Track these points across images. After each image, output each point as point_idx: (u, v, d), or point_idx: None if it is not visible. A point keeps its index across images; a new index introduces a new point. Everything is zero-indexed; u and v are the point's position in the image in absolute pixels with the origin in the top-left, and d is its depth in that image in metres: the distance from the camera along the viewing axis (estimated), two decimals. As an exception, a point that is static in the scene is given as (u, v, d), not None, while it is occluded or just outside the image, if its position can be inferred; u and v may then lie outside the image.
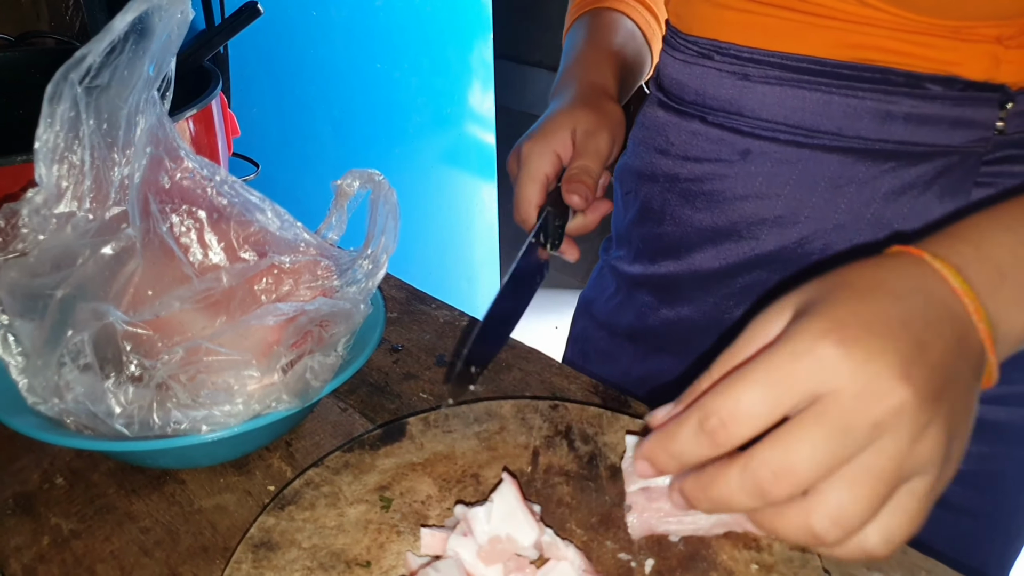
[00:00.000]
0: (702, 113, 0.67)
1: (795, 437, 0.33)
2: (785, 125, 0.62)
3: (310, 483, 0.50)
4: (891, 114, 0.58)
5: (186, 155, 0.53)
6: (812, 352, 0.33)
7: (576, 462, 0.52)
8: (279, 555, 0.45)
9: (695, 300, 0.71)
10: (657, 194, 0.72)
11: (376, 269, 0.55)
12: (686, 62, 0.67)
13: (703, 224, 0.68)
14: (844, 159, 0.61)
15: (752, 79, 0.63)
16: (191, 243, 0.52)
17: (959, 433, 0.35)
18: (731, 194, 0.66)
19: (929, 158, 0.59)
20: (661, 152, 0.71)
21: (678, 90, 0.69)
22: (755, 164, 0.64)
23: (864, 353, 0.32)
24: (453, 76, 1.85)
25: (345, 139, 1.72)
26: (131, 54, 0.49)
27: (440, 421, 0.55)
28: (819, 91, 0.60)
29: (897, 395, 0.32)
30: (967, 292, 0.36)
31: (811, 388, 0.33)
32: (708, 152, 0.67)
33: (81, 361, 0.47)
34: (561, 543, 0.44)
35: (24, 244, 0.48)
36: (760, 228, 0.65)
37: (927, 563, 0.47)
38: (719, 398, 0.34)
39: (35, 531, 0.50)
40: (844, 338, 0.33)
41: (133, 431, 0.47)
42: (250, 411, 0.48)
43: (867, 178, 0.61)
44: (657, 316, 0.74)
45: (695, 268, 0.70)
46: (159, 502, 0.52)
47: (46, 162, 0.48)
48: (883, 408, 0.32)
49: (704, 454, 0.35)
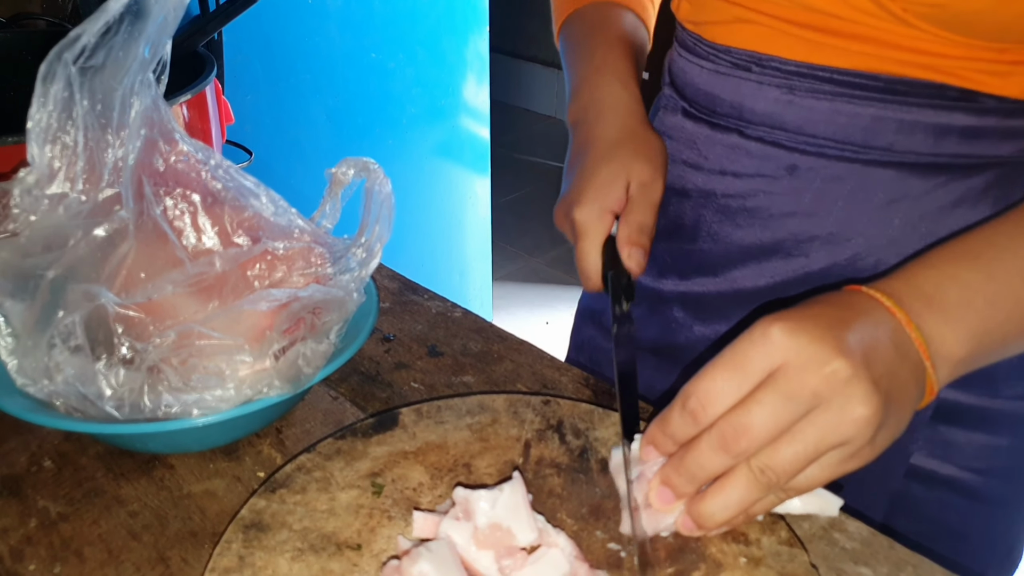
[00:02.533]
0: (739, 126, 0.64)
1: (752, 401, 0.40)
2: (833, 140, 0.60)
3: (301, 468, 0.50)
4: (947, 128, 0.57)
5: (181, 138, 0.52)
6: (764, 336, 0.40)
7: (567, 455, 0.52)
8: (269, 536, 0.45)
9: (734, 317, 0.68)
10: (689, 210, 0.69)
11: (370, 258, 0.55)
12: (719, 72, 0.64)
13: (746, 241, 0.66)
14: (897, 174, 0.59)
15: (798, 93, 0.60)
16: (184, 227, 0.51)
17: (890, 424, 0.41)
18: (777, 211, 0.64)
19: (980, 170, 0.58)
20: (692, 166, 0.68)
21: (708, 101, 0.66)
22: (803, 180, 0.62)
23: (807, 336, 0.40)
24: (448, 68, 1.84)
25: (339, 129, 1.71)
26: (126, 35, 0.48)
27: (433, 412, 0.55)
28: (872, 106, 0.58)
29: (833, 366, 0.39)
30: (898, 309, 0.43)
31: (765, 365, 0.40)
32: (749, 167, 0.64)
33: (72, 343, 0.46)
34: (552, 530, 0.44)
35: (15, 224, 0.48)
36: (810, 245, 0.63)
37: (913, 558, 0.47)
38: (697, 383, 0.42)
39: (22, 514, 0.50)
40: (791, 325, 0.40)
41: (123, 414, 0.47)
42: (241, 396, 0.48)
43: (920, 192, 0.59)
44: (690, 333, 0.71)
45: (737, 286, 0.67)
46: (148, 486, 0.52)
47: (39, 142, 0.48)
48: (821, 377, 0.39)
49: (689, 432, 0.42)
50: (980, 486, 0.67)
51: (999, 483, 0.68)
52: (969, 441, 0.66)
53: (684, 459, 0.42)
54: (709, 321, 0.70)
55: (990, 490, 0.67)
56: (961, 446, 0.66)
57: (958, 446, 0.66)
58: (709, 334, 0.70)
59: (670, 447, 0.44)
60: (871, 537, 0.49)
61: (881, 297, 0.44)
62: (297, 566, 0.44)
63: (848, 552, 0.47)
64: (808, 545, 0.47)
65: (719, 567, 0.44)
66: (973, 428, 0.65)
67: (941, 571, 0.47)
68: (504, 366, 0.64)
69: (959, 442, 0.66)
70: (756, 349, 0.40)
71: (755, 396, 0.40)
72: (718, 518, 0.42)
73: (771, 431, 0.40)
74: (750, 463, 0.41)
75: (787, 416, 0.40)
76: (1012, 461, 0.67)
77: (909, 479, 0.67)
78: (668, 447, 0.44)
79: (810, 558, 0.45)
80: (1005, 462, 0.67)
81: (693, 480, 0.42)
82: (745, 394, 0.40)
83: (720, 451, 0.41)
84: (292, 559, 0.44)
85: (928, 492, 0.67)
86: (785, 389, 0.40)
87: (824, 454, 0.41)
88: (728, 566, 0.44)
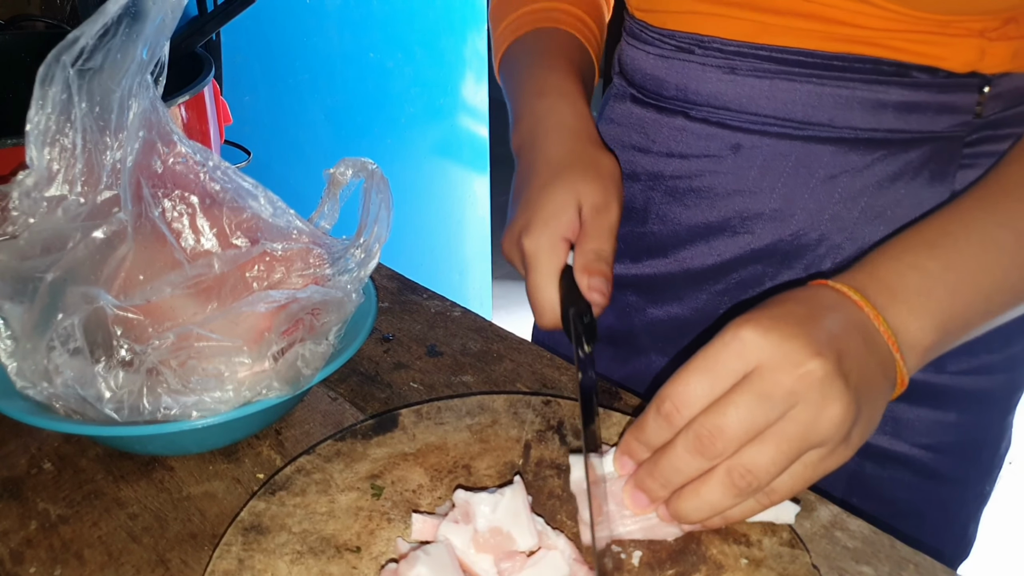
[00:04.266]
0: (684, 108, 0.66)
1: (726, 403, 0.40)
2: (775, 118, 0.62)
3: (301, 470, 0.50)
4: (882, 103, 0.59)
5: (179, 140, 0.52)
6: (736, 338, 0.40)
7: (567, 456, 0.52)
8: (269, 539, 0.45)
9: (686, 298, 0.70)
10: (639, 193, 0.70)
11: (368, 258, 0.55)
12: (663, 56, 0.66)
13: (694, 221, 0.68)
14: (837, 149, 0.61)
15: (740, 72, 0.62)
16: (183, 228, 0.51)
17: (862, 420, 0.41)
18: (723, 189, 0.66)
19: (917, 144, 0.60)
20: (640, 150, 0.70)
21: (655, 85, 0.67)
22: (747, 158, 0.64)
23: (779, 335, 0.40)
24: (447, 67, 1.84)
25: (337, 128, 1.71)
26: (124, 37, 0.48)
27: (432, 413, 0.55)
28: (811, 83, 0.60)
29: (807, 366, 0.39)
30: (865, 302, 0.44)
31: (739, 367, 0.40)
32: (695, 148, 0.66)
33: (71, 345, 0.46)
34: (552, 532, 0.44)
35: (14, 227, 0.48)
36: (755, 222, 0.65)
37: (916, 557, 0.47)
38: (670, 387, 0.41)
39: (23, 516, 0.50)
40: (762, 325, 0.40)
41: (123, 416, 0.47)
42: (240, 398, 0.48)
43: (860, 167, 0.61)
44: (643, 316, 0.73)
45: (686, 266, 0.69)
46: (147, 488, 0.52)
47: (37, 144, 0.48)
48: (796, 376, 0.39)
49: (663, 435, 0.42)
50: (931, 463, 0.68)
51: (949, 460, 0.69)
52: (917, 417, 0.67)
53: (659, 463, 0.42)
54: (662, 303, 0.71)
55: (941, 467, 0.68)
56: (910, 422, 0.67)
57: (906, 422, 0.67)
58: (662, 316, 0.72)
59: (644, 454, 0.43)
60: (873, 536, 0.49)
61: (848, 291, 0.44)
62: (296, 569, 0.44)
63: (850, 551, 0.47)
64: (809, 544, 0.47)
65: (720, 569, 0.44)
66: (920, 403, 0.66)
67: (943, 569, 0.47)
68: (504, 365, 0.64)
69: (907, 418, 0.67)
70: (729, 351, 0.40)
71: (729, 397, 0.40)
72: (692, 518, 0.42)
73: (747, 431, 0.40)
74: (727, 465, 0.40)
75: (762, 416, 0.39)
76: (960, 436, 0.68)
77: (862, 457, 0.68)
78: (642, 454, 0.44)
79: (811, 559, 0.45)
80: (953, 438, 0.68)
81: (667, 484, 0.42)
82: (718, 396, 0.40)
83: (695, 453, 0.40)
84: (291, 562, 0.44)
85: (882, 471, 0.69)
86: (759, 389, 0.39)
87: (802, 454, 0.41)
88: (729, 567, 0.44)
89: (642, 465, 0.43)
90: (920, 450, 0.68)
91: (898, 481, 0.69)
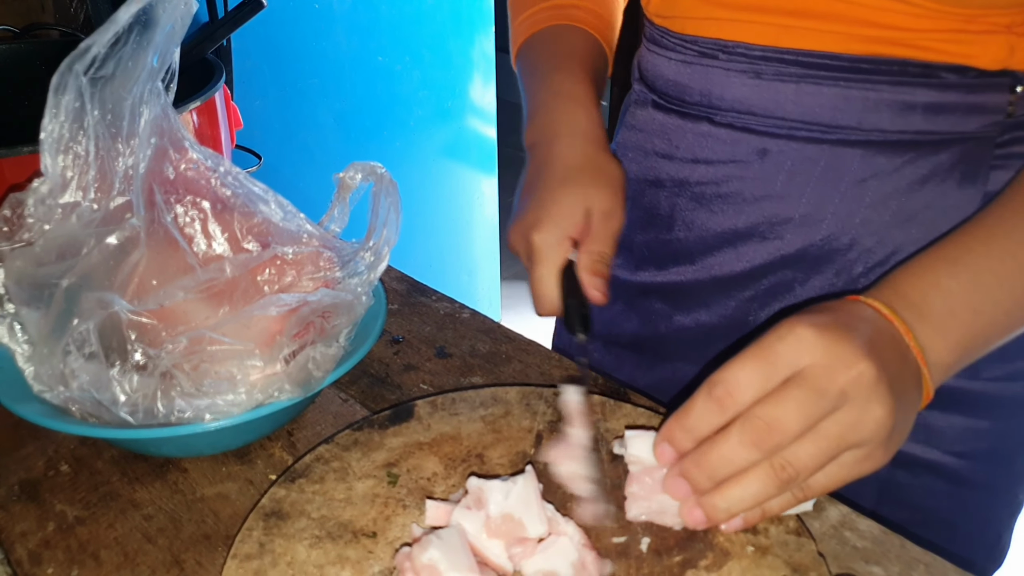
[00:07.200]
0: (709, 114, 0.65)
1: (783, 397, 0.40)
2: (802, 122, 0.61)
3: (320, 458, 0.51)
4: (910, 105, 0.58)
5: (190, 146, 0.53)
6: (793, 332, 0.41)
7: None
8: (289, 524, 0.47)
9: (714, 304, 0.69)
10: (664, 199, 0.70)
11: (378, 261, 0.55)
12: (686, 62, 0.65)
13: (721, 227, 0.67)
14: (865, 153, 0.60)
15: (764, 77, 0.61)
16: (195, 233, 0.52)
17: (899, 428, 0.43)
18: (750, 195, 0.65)
19: (947, 146, 0.59)
20: (664, 156, 0.69)
21: (678, 91, 0.67)
22: (774, 163, 0.63)
23: (833, 336, 0.41)
24: (455, 69, 1.85)
25: (347, 132, 1.72)
26: (135, 45, 0.49)
27: (447, 404, 0.56)
28: (837, 86, 0.59)
29: (859, 367, 0.40)
30: (896, 318, 0.45)
31: (793, 361, 0.41)
32: (721, 153, 0.65)
33: (86, 349, 0.47)
34: (561, 519, 0.45)
35: (30, 234, 0.49)
36: (784, 227, 0.64)
37: (926, 557, 0.47)
38: (723, 372, 0.41)
39: (40, 517, 0.50)
40: (817, 325, 0.41)
41: (137, 419, 0.47)
42: (253, 400, 0.49)
43: (889, 170, 0.60)
44: (670, 323, 0.72)
45: (714, 273, 0.68)
46: (162, 490, 0.52)
47: (51, 152, 0.49)
48: (848, 376, 0.40)
49: (713, 421, 0.42)
50: (963, 470, 0.67)
51: (982, 467, 0.68)
52: (950, 424, 0.66)
53: (708, 453, 0.42)
54: (689, 310, 0.71)
55: (973, 475, 0.68)
56: (942, 429, 0.66)
57: (939, 430, 0.66)
58: (689, 323, 0.71)
59: (688, 444, 0.43)
60: (882, 536, 0.49)
61: (879, 306, 0.46)
62: (315, 552, 0.45)
63: (859, 551, 0.47)
64: (818, 545, 0.47)
65: (726, 556, 0.45)
66: (953, 411, 0.66)
67: (954, 569, 0.47)
68: (513, 367, 0.65)
69: (939, 425, 0.66)
70: (785, 344, 0.41)
71: (786, 391, 0.40)
72: (733, 510, 0.42)
73: (800, 426, 0.40)
74: (771, 458, 0.41)
75: (816, 412, 0.40)
76: (993, 444, 0.67)
77: (893, 466, 0.67)
78: (686, 443, 0.43)
79: (817, 547, 0.45)
80: (987, 445, 0.67)
81: (715, 475, 0.42)
82: (771, 388, 0.41)
83: (750, 445, 0.40)
84: (310, 546, 0.45)
85: (913, 478, 0.68)
86: (816, 385, 0.40)
87: (842, 453, 0.41)
88: (735, 555, 0.45)
89: (688, 455, 0.43)
90: (952, 457, 0.67)
91: (930, 489, 0.68)
